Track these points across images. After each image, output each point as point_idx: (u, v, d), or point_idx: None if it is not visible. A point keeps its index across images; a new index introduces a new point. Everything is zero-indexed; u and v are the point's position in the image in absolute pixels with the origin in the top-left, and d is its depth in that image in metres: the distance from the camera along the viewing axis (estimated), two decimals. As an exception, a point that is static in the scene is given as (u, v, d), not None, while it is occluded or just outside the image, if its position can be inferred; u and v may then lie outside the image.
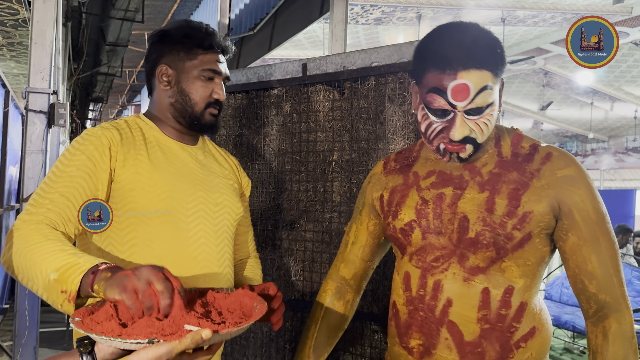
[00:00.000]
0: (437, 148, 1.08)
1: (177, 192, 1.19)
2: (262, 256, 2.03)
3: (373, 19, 8.25)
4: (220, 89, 1.28)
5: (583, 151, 18.79)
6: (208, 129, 1.31)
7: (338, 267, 1.30)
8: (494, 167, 1.10)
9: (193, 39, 1.26)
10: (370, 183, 1.27)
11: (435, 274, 1.08)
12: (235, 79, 2.11)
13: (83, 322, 0.78)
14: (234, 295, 0.90)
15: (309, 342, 1.25)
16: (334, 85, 1.85)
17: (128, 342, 0.72)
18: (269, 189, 2.01)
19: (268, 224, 2.01)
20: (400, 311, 1.14)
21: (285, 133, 1.97)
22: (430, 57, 1.04)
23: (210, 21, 7.98)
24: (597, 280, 1.03)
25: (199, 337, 0.73)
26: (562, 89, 12.39)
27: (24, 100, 3.11)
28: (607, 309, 1.03)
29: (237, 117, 2.11)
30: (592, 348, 1.05)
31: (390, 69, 1.72)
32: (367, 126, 1.78)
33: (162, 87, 1.28)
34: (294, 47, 8.88)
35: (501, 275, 1.05)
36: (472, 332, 1.05)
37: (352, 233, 1.29)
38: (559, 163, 1.07)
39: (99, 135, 1.17)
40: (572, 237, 1.05)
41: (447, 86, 1.01)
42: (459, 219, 1.07)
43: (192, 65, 1.26)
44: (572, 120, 15.58)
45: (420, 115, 1.08)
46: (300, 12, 4.74)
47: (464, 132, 1.02)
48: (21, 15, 5.71)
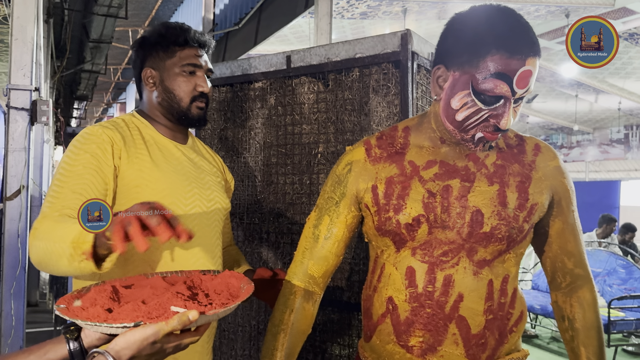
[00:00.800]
0: (471, 137, 1.02)
1: (177, 188, 1.25)
2: (249, 249, 2.02)
3: (359, 13, 8.25)
4: (203, 81, 1.31)
5: (568, 143, 19.00)
6: (197, 122, 1.33)
7: (306, 265, 1.16)
8: (496, 158, 1.09)
9: (169, 37, 1.30)
10: (351, 172, 1.14)
11: (445, 268, 1.04)
12: (219, 72, 2.10)
13: (68, 309, 0.77)
14: (220, 277, 0.90)
15: (278, 354, 1.11)
16: (318, 77, 1.85)
17: (114, 326, 0.71)
18: (255, 182, 2.01)
19: (254, 217, 2.01)
20: (400, 308, 1.07)
21: (270, 126, 1.97)
22: (495, 40, 0.95)
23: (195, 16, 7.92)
24: (575, 257, 1.15)
25: (186, 319, 0.72)
26: (547, 82, 12.50)
27: (6, 97, 3.07)
28: (581, 281, 1.15)
29: (221, 111, 2.10)
30: (566, 315, 1.16)
31: (374, 60, 1.71)
32: (352, 117, 1.78)
33: (148, 88, 1.33)
34: (279, 41, 8.86)
35: (501, 266, 1.07)
36: (478, 324, 1.04)
37: (325, 227, 1.16)
38: (549, 154, 1.13)
39: (99, 134, 1.20)
40: (559, 222, 1.13)
41: (516, 72, 0.95)
42: (471, 212, 1.04)
43: (172, 62, 1.30)
44: (558, 112, 15.73)
45: (461, 103, 1.00)
46: (285, 6, 4.73)
47: (511, 120, 0.99)
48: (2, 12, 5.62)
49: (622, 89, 12.69)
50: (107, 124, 1.25)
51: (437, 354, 1.05)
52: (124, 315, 0.74)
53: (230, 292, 0.85)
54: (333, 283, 1.81)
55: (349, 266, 1.78)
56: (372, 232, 1.13)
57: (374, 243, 1.16)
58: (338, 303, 1.79)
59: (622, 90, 12.81)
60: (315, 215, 1.19)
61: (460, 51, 1.00)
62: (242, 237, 2.04)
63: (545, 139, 19.51)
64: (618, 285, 4.74)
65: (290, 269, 1.19)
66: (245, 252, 2.03)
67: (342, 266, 1.79)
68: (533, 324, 5.32)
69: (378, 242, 1.13)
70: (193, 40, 1.31)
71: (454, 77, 1.01)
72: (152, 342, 0.73)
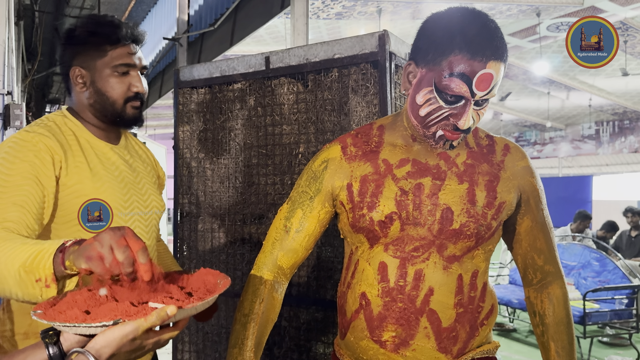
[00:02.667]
0: (432, 134, 1.05)
1: (116, 198, 1.21)
2: (232, 251, 2.02)
3: (334, 14, 8.27)
4: (137, 81, 1.25)
5: (542, 140, 19.35)
6: (132, 123, 1.28)
7: (275, 256, 1.17)
8: (466, 157, 1.12)
9: (99, 35, 1.22)
10: (327, 169, 1.16)
11: (416, 263, 1.07)
12: (198, 74, 2.09)
13: (45, 314, 0.77)
14: (196, 275, 0.91)
15: (249, 343, 1.12)
16: (297, 78, 1.86)
17: (93, 326, 0.71)
18: (236, 184, 2.01)
19: (236, 218, 2.00)
20: (373, 303, 1.09)
21: (250, 127, 1.97)
22: (459, 41, 0.98)
23: (169, 17, 7.84)
24: (544, 254, 1.19)
25: (165, 314, 0.73)
26: (520, 80, 12.71)
27: (-23, 101, 3.01)
28: (551, 277, 1.20)
29: (200, 112, 2.09)
30: (537, 311, 1.20)
31: (352, 60, 1.73)
32: (332, 117, 1.79)
33: (78, 89, 1.25)
34: (256, 42, 8.83)
35: (470, 261, 1.10)
36: (449, 317, 1.07)
37: (297, 220, 1.17)
38: (517, 155, 1.17)
39: (36, 142, 1.12)
40: (527, 220, 1.17)
41: (475, 74, 0.97)
42: (441, 210, 1.07)
43: (103, 62, 1.22)
44: (530, 109, 16.01)
45: (424, 99, 1.03)
46: (261, 6, 4.72)
47: (470, 121, 1.01)
48: (-30, 14, 5.49)
49: (592, 85, 12.98)
50: (42, 129, 1.16)
51: (410, 348, 1.07)
52: (102, 315, 0.74)
53: (207, 287, 0.87)
54: (317, 282, 1.82)
55: (332, 265, 1.79)
56: (347, 228, 1.16)
57: (348, 240, 1.18)
58: (322, 302, 1.80)
59: (592, 87, 13.10)
60: (287, 208, 1.20)
61: (427, 49, 1.03)
62: (224, 239, 2.04)
63: (519, 135, 19.85)
64: (592, 277, 4.85)
65: (258, 259, 1.20)
66: (228, 254, 2.03)
67: (326, 265, 1.80)
68: (511, 317, 5.41)
69: (352, 238, 1.16)
70: (126, 37, 1.23)
71: (421, 73, 1.05)
72: (132, 338, 0.73)
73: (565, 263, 5.08)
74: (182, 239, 2.16)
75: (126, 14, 9.18)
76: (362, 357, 1.13)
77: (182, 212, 2.15)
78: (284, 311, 1.87)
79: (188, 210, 2.14)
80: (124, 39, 1.23)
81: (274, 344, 1.90)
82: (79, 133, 1.24)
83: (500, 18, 9.06)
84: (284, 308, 1.87)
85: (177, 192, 2.17)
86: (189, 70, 2.12)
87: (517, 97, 14.36)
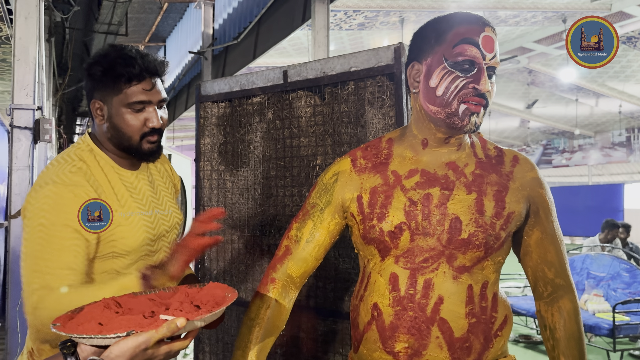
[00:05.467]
0: (455, 111, 1.06)
1: (147, 230, 1.25)
2: (251, 262, 2.05)
3: (356, 24, 8.31)
4: (154, 116, 1.24)
5: (570, 147, 18.99)
6: (149, 157, 1.29)
7: (285, 264, 1.21)
8: (474, 168, 1.13)
9: (116, 70, 1.20)
10: (338, 182, 1.20)
11: (426, 273, 1.08)
12: (219, 88, 2.14)
13: (64, 326, 0.81)
14: (206, 289, 0.95)
15: (252, 346, 1.15)
16: (314, 91, 1.88)
17: (108, 337, 0.76)
18: (255, 196, 2.03)
19: (255, 230, 2.03)
20: (385, 313, 1.10)
21: (269, 139, 2.00)
22: (456, 18, 1.08)
23: (194, 32, 8.00)
24: (555, 267, 1.18)
25: (174, 326, 0.78)
26: (546, 87, 12.54)
27: (9, 117, 3.12)
28: (562, 291, 1.18)
29: (221, 126, 2.13)
30: (548, 325, 1.19)
31: (368, 73, 1.75)
32: (348, 130, 1.81)
33: (98, 121, 1.26)
34: (279, 54, 8.93)
35: (480, 272, 1.10)
36: (461, 327, 1.07)
37: (307, 230, 1.21)
38: (526, 166, 1.17)
39: (71, 197, 1.13)
40: (537, 232, 1.17)
41: (479, 36, 1.05)
42: (450, 220, 1.08)
43: (119, 100, 1.21)
44: (558, 117, 15.75)
45: (438, 78, 1.07)
46: (283, 19, 4.78)
47: (488, 84, 1.05)
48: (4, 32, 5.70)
49: (622, 92, 12.71)
50: (75, 177, 1.17)
51: (423, 359, 1.07)
52: (116, 327, 0.79)
53: (216, 300, 0.91)
54: (334, 294, 1.83)
55: (349, 277, 1.80)
56: (359, 241, 1.17)
57: (361, 253, 1.20)
58: (339, 314, 1.80)
59: (622, 93, 12.83)
60: (299, 218, 1.24)
61: (428, 39, 1.11)
62: (243, 250, 2.07)
63: (547, 143, 19.52)
64: (622, 289, 4.73)
65: (269, 266, 1.24)
66: (247, 265, 2.05)
67: (343, 276, 1.81)
68: (539, 329, 5.30)
69: (365, 251, 1.17)
70: (142, 73, 1.21)
71: (427, 63, 1.10)
72: (144, 349, 0.78)
73: (594, 274, 4.97)
74: (203, 250, 2.19)
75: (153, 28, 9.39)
76: None
77: (203, 223, 2.19)
78: (301, 322, 1.88)
79: (209, 222, 2.18)
80: (139, 76, 1.21)
81: (291, 355, 1.91)
82: (106, 167, 1.25)
83: (525, 25, 8.98)
84: (301, 319, 1.88)
85: (198, 203, 2.21)
86: (210, 85, 2.17)
87: (544, 105, 14.15)
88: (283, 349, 1.94)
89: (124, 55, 1.21)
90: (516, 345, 5.16)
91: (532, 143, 19.58)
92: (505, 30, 9.25)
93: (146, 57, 1.23)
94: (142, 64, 1.21)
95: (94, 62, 1.23)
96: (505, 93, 13.48)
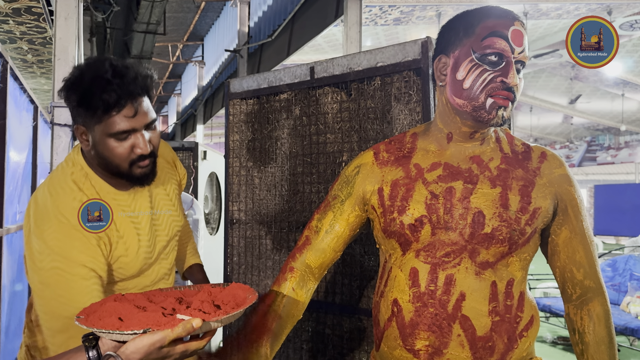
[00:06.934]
0: (482, 105, 1.05)
1: (146, 256, 1.25)
2: (277, 258, 2.06)
3: (392, 20, 8.24)
4: (141, 142, 1.13)
5: (616, 144, 18.32)
6: (142, 181, 1.21)
7: (304, 254, 1.22)
8: (500, 162, 1.11)
9: (92, 101, 1.07)
10: (359, 174, 1.21)
11: (447, 268, 1.06)
12: (247, 85, 2.15)
13: (86, 320, 0.83)
14: (228, 289, 0.96)
15: (265, 333, 1.15)
16: (341, 87, 1.87)
17: (125, 333, 0.78)
18: (282, 192, 2.04)
19: (282, 226, 2.04)
20: (405, 309, 1.08)
21: (295, 136, 2.00)
22: (485, 11, 1.07)
23: (231, 30, 8.10)
24: (584, 268, 1.14)
25: (190, 326, 0.79)
26: (590, 81, 12.13)
27: (50, 114, 3.23)
28: (592, 293, 1.14)
29: (249, 123, 2.15)
30: (577, 329, 1.15)
31: (395, 68, 1.73)
32: (374, 126, 1.79)
33: (84, 147, 1.17)
34: (314, 51, 8.94)
35: (505, 269, 1.07)
36: (484, 325, 1.04)
37: (327, 221, 1.22)
38: (555, 162, 1.14)
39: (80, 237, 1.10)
40: (565, 230, 1.13)
41: (509, 29, 1.04)
42: (473, 214, 1.06)
43: (101, 129, 1.10)
44: (603, 112, 15.21)
45: (465, 71, 1.06)
46: (316, 16, 4.78)
47: (516, 78, 1.04)
48: (48, 33, 5.90)
49: (672, 86, 12.18)
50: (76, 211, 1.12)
51: (444, 358, 1.05)
52: (135, 324, 0.81)
53: (237, 301, 0.91)
54: (360, 291, 1.82)
55: (375, 274, 1.78)
56: (380, 234, 1.17)
57: (382, 247, 1.19)
58: (365, 311, 1.79)
59: (672, 88, 12.29)
60: (321, 210, 1.25)
61: (456, 31, 1.10)
62: (270, 245, 2.08)
63: (591, 140, 18.89)
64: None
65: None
66: (274, 260, 2.07)
67: (369, 274, 1.80)
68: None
69: (386, 245, 1.17)
70: (120, 101, 1.07)
71: (454, 56, 1.09)
72: (159, 347, 0.79)
73: (637, 275, 4.78)
74: (232, 245, 2.22)
75: (191, 27, 9.57)
76: None
77: (232, 219, 2.22)
78: (327, 319, 1.88)
79: (237, 218, 2.20)
80: (118, 105, 1.08)
81: (317, 351, 1.91)
82: (103, 193, 1.19)
83: (568, 18, 8.69)
84: (327, 316, 1.88)
85: (227, 199, 2.23)
86: (239, 82, 2.19)
87: (588, 100, 13.69)
88: (309, 344, 1.95)
89: (99, 80, 1.07)
90: (554, 347, 5.03)
91: (575, 140, 18.98)
92: (547, 23, 8.99)
93: (126, 77, 1.08)
94: (120, 88, 1.07)
95: (69, 87, 1.11)
96: (547, 88, 13.11)
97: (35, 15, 5.44)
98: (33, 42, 6.36)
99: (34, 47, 6.60)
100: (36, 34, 5.97)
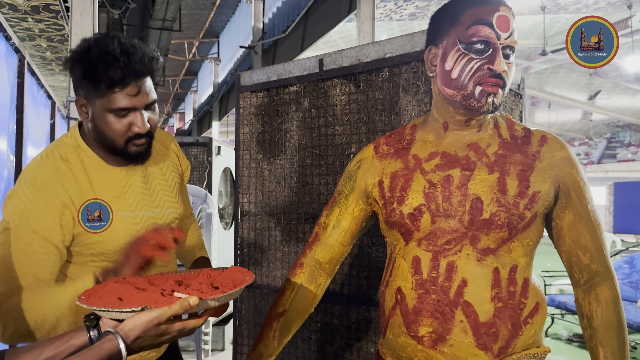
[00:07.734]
0: (471, 93, 1.06)
1: (131, 233, 1.18)
2: (287, 249, 2.07)
3: (407, 15, 8.20)
4: (139, 121, 1.13)
5: (637, 141, 18.00)
6: (137, 159, 1.19)
7: (314, 250, 1.27)
8: (497, 148, 1.11)
9: (97, 74, 1.08)
10: (360, 168, 1.23)
11: (448, 255, 1.07)
12: (257, 78, 2.17)
13: (87, 300, 0.85)
14: (227, 272, 0.98)
15: (274, 325, 1.22)
16: (349, 79, 1.88)
17: (123, 311, 0.81)
18: (291, 184, 2.05)
19: (291, 217, 2.05)
20: (408, 296, 1.10)
21: (304, 128, 2.01)
22: (469, 1, 1.08)
23: (246, 26, 8.13)
24: (590, 252, 1.12)
25: (187, 304, 0.81)
26: (610, 77, 11.93)
27: (66, 109, 3.28)
28: (599, 277, 1.13)
29: (259, 115, 2.17)
30: (585, 314, 1.14)
31: (403, 59, 1.73)
32: (383, 117, 1.79)
33: (82, 119, 1.17)
34: (329, 47, 8.94)
35: (508, 255, 1.07)
36: (486, 311, 1.04)
37: (334, 217, 1.26)
38: (555, 145, 1.13)
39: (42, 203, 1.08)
40: (569, 214, 1.12)
41: (493, 16, 1.05)
42: (471, 200, 1.07)
43: (102, 104, 1.11)
44: (624, 108, 14.96)
45: (453, 60, 1.07)
46: (329, 11, 4.78)
47: (503, 65, 1.05)
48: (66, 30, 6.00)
49: (694, 81, 11.92)
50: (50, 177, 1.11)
51: (447, 344, 1.05)
52: (134, 302, 0.83)
53: (234, 283, 0.94)
54: (367, 282, 1.82)
55: (383, 265, 1.79)
56: (384, 226, 1.18)
57: (387, 239, 1.21)
58: (372, 302, 1.80)
59: (694, 83, 12.03)
60: (328, 206, 1.29)
61: (443, 22, 1.11)
62: (279, 237, 2.09)
63: (611, 137, 18.59)
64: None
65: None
66: (284, 252, 2.08)
67: (377, 265, 1.80)
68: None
69: (390, 236, 1.18)
70: (125, 79, 1.08)
71: (443, 46, 1.10)
72: (157, 324, 0.81)
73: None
74: (242, 236, 2.24)
75: (207, 24, 9.62)
76: (401, 355, 1.13)
77: (242, 211, 2.24)
78: (335, 310, 1.89)
79: (247, 209, 2.22)
80: (122, 82, 1.09)
81: (325, 341, 1.92)
82: (91, 167, 1.18)
83: (587, 12, 8.56)
84: (335, 307, 1.89)
85: (237, 191, 2.25)
86: (249, 75, 2.20)
87: (607, 96, 13.47)
88: (317, 334, 1.96)
89: (106, 55, 1.07)
90: (570, 344, 4.97)
91: (594, 136, 18.70)
92: (566, 17, 8.87)
93: (133, 56, 1.09)
94: (127, 66, 1.08)
95: (76, 59, 1.11)
96: (566, 84, 12.93)
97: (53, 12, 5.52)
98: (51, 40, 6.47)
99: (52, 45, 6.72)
100: (54, 31, 6.07)
